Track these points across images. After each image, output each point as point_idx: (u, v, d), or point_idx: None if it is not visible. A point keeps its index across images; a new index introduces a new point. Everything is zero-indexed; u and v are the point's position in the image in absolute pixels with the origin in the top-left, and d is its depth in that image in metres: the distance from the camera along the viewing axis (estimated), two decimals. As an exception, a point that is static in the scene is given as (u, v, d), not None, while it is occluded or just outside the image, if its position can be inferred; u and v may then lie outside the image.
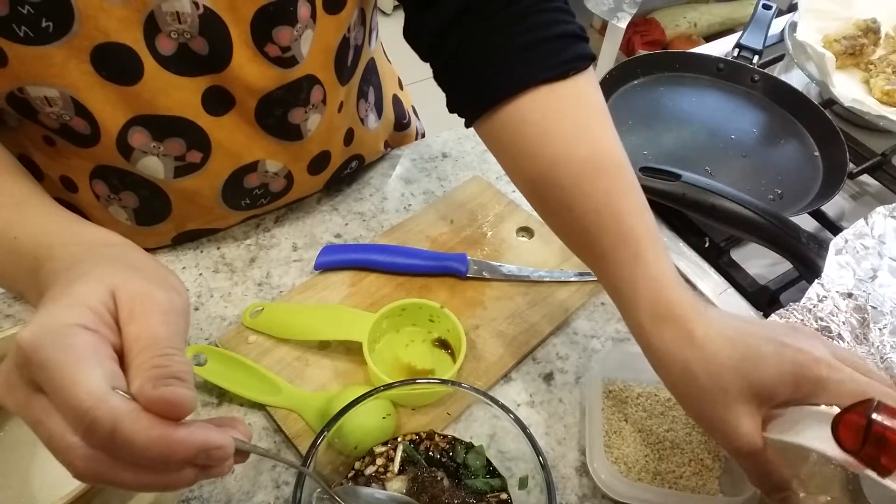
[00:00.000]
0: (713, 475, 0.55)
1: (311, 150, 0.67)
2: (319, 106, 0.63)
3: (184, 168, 0.61)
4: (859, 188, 0.86)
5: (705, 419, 0.45)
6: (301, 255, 0.71)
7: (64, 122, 0.54)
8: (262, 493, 0.54)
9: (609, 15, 2.10)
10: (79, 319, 0.33)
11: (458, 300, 0.67)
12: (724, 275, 0.72)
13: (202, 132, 0.59)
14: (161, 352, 0.33)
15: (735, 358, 0.43)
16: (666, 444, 0.57)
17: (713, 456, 0.56)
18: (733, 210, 0.65)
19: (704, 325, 0.44)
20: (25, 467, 0.50)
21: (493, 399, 0.49)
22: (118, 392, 0.31)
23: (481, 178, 0.79)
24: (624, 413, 0.58)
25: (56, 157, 0.60)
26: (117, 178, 0.61)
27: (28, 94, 0.51)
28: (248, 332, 0.62)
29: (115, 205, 0.64)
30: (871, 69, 0.94)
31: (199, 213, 0.67)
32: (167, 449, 0.31)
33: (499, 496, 0.50)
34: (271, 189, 0.68)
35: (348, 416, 0.48)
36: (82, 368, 0.31)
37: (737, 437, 0.43)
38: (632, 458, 0.56)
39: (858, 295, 0.59)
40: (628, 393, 0.60)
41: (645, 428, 0.57)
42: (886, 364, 0.57)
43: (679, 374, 0.45)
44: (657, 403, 0.59)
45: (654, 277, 0.47)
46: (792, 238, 0.65)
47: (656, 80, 0.94)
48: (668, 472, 0.55)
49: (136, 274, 0.37)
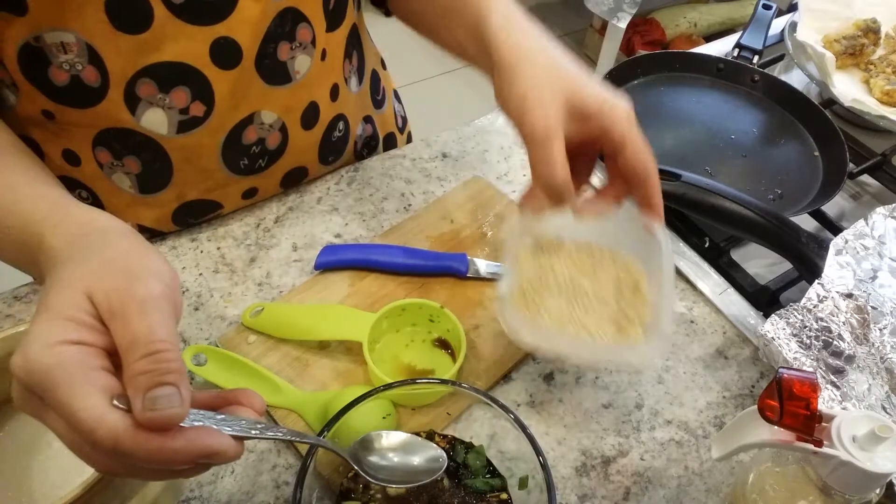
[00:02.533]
0: (636, 328, 0.54)
1: (300, 97, 0.68)
2: (307, 46, 0.65)
3: (186, 123, 0.62)
4: (859, 188, 0.86)
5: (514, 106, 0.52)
6: (301, 255, 0.71)
7: (75, 74, 0.56)
8: (262, 493, 0.54)
9: (609, 15, 2.10)
10: (60, 336, 0.33)
11: (458, 300, 0.67)
12: (724, 275, 0.72)
13: (207, 84, 0.60)
14: (145, 351, 0.33)
15: (568, 74, 0.52)
16: (591, 297, 0.56)
17: (637, 310, 0.56)
18: (733, 210, 0.65)
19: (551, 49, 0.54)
20: (26, 467, 0.50)
21: (493, 399, 0.49)
22: (115, 405, 0.33)
23: (481, 178, 0.79)
24: (552, 266, 0.57)
25: (56, 132, 0.61)
26: (120, 142, 0.62)
27: (44, 42, 0.53)
28: (248, 332, 0.62)
29: (118, 172, 0.65)
30: (871, 69, 0.94)
31: (199, 177, 0.68)
32: (167, 458, 0.33)
33: (499, 496, 0.50)
34: (268, 146, 0.69)
35: (348, 416, 0.48)
36: (75, 390, 0.32)
37: (544, 118, 0.49)
38: (555, 310, 0.55)
39: (858, 295, 0.59)
40: (559, 247, 0.58)
41: (573, 280, 0.57)
42: (887, 364, 0.57)
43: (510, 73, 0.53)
44: (588, 257, 0.58)
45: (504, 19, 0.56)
46: (792, 238, 0.65)
47: (656, 80, 0.94)
48: (592, 325, 0.54)
49: (111, 266, 0.37)
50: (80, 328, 0.34)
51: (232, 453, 0.35)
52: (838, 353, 0.57)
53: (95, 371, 0.33)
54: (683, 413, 0.61)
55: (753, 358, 0.65)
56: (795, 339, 0.57)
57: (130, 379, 0.33)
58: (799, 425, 0.41)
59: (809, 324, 0.57)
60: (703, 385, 0.63)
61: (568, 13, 2.83)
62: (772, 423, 0.42)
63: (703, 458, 0.58)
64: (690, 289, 0.71)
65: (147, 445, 0.32)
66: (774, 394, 0.42)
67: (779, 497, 0.46)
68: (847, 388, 0.55)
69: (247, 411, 0.39)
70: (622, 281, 0.57)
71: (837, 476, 0.42)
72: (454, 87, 2.51)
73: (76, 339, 0.33)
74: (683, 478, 0.57)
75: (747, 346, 0.66)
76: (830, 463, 0.41)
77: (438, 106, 0.60)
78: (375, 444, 0.47)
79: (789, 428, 0.42)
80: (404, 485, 0.46)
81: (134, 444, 0.32)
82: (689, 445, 0.59)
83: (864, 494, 0.43)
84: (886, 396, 0.56)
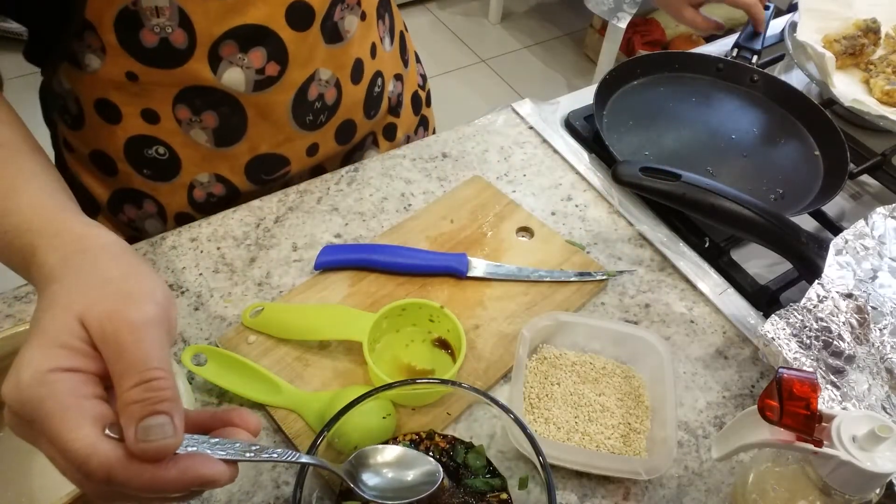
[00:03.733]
0: (641, 438, 0.57)
1: (350, 55, 0.74)
2: (354, 7, 0.71)
3: (262, 82, 0.67)
4: (859, 188, 0.86)
5: None
6: (301, 255, 0.71)
7: (164, 37, 0.61)
8: (262, 493, 0.54)
9: (609, 15, 2.10)
10: (53, 363, 0.33)
11: (458, 300, 0.67)
12: (724, 275, 0.72)
13: (282, 44, 0.66)
14: (138, 379, 0.33)
15: None
16: (596, 407, 0.59)
17: (641, 420, 0.58)
18: (733, 210, 0.65)
19: None
20: (25, 469, 0.50)
21: (493, 399, 0.49)
22: (108, 434, 0.32)
23: (481, 178, 0.79)
24: (557, 378, 0.60)
25: (137, 93, 0.66)
26: (200, 99, 0.67)
27: (140, 6, 0.58)
28: (248, 332, 0.62)
29: (196, 127, 0.69)
30: (871, 69, 0.94)
31: (271, 131, 0.72)
32: (160, 488, 0.33)
33: (499, 496, 0.50)
34: (326, 101, 0.74)
35: (348, 416, 0.48)
36: (68, 420, 0.32)
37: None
38: (560, 419, 0.58)
39: (859, 295, 0.59)
40: (563, 360, 0.62)
41: (577, 392, 0.60)
42: (887, 364, 0.57)
43: None
44: (591, 370, 0.61)
45: None
46: (792, 238, 0.65)
47: (656, 80, 0.94)
48: (598, 434, 0.57)
49: (104, 289, 0.36)
50: (73, 355, 0.34)
51: (225, 479, 0.35)
52: (838, 353, 0.57)
53: (87, 399, 0.33)
54: (683, 413, 0.61)
55: (753, 358, 0.65)
56: (795, 340, 0.57)
57: (123, 407, 0.33)
58: (799, 425, 0.41)
59: (809, 324, 0.57)
60: (703, 385, 0.63)
61: (568, 13, 2.84)
62: (772, 423, 0.42)
63: (703, 458, 0.58)
64: (690, 289, 0.71)
65: (140, 476, 0.32)
66: (774, 394, 0.42)
67: (779, 497, 0.46)
68: (847, 388, 0.55)
69: (241, 433, 0.39)
70: (625, 391, 0.60)
71: (837, 476, 0.42)
72: (455, 87, 2.51)
73: (68, 367, 0.33)
74: (683, 478, 0.57)
75: (747, 346, 0.66)
76: (830, 463, 0.41)
77: (439, 107, 0.61)
78: (370, 459, 0.47)
79: (789, 428, 0.42)
80: (400, 500, 0.45)
81: (127, 474, 0.32)
82: (689, 445, 0.59)
83: (864, 494, 0.43)
84: (886, 396, 0.56)
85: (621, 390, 0.60)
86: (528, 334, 0.59)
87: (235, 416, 0.39)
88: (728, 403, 0.62)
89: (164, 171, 0.73)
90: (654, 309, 0.69)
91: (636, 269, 0.72)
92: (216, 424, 0.39)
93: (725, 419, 0.61)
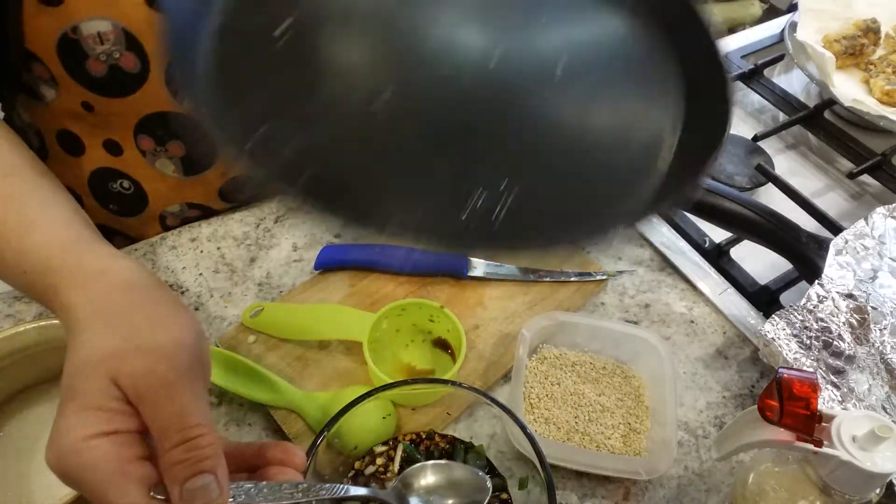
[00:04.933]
0: (642, 438, 0.57)
1: None
2: None
3: None
4: (859, 188, 0.86)
5: None
6: (301, 255, 0.71)
7: (113, 63, 0.56)
8: None
9: None
10: (91, 429, 0.33)
11: (458, 300, 0.67)
12: (724, 275, 0.72)
13: None
14: (178, 438, 0.33)
15: None
16: (596, 407, 0.59)
17: (642, 420, 0.59)
18: (733, 210, 0.65)
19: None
20: (26, 468, 0.50)
21: (493, 399, 0.49)
22: (153, 497, 0.32)
23: (481, 178, 0.79)
24: (557, 378, 0.60)
25: (97, 123, 0.62)
26: (162, 128, 0.63)
27: (81, 34, 0.54)
28: (248, 332, 0.62)
29: (161, 157, 0.66)
30: (871, 69, 0.94)
31: None
32: None
33: (499, 496, 0.50)
34: None
35: (348, 416, 0.48)
36: (113, 487, 0.32)
37: None
38: (560, 419, 0.58)
39: (858, 295, 0.59)
40: (563, 360, 0.62)
41: (577, 392, 0.60)
42: (887, 364, 0.57)
43: None
44: (591, 370, 0.61)
45: None
46: (792, 238, 0.65)
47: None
48: (598, 434, 0.57)
49: (134, 340, 0.35)
50: (110, 417, 0.33)
51: None
52: (838, 354, 0.57)
53: (130, 463, 0.33)
54: (683, 413, 0.61)
55: (753, 358, 0.65)
56: (795, 340, 0.57)
57: (167, 468, 0.33)
58: (799, 425, 0.41)
59: (809, 324, 0.57)
60: (703, 385, 0.63)
61: (568, 13, 2.83)
62: (772, 423, 0.42)
63: (703, 458, 0.58)
64: (690, 289, 0.71)
65: None
66: (774, 394, 0.42)
67: (779, 497, 0.46)
68: (847, 388, 0.55)
69: (288, 471, 0.38)
70: (625, 391, 0.60)
71: (837, 476, 0.42)
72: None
73: (107, 430, 0.33)
74: (683, 478, 0.57)
75: (747, 346, 0.66)
76: (830, 463, 0.41)
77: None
78: (418, 481, 0.47)
79: (789, 428, 0.42)
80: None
81: None
82: (689, 445, 0.59)
83: (864, 494, 0.43)
84: (886, 396, 0.56)
85: (621, 390, 0.60)
86: (528, 334, 0.59)
87: (280, 453, 0.39)
88: (728, 403, 0.62)
89: (130, 206, 0.70)
90: (654, 309, 0.69)
91: (636, 269, 0.72)
92: (260, 463, 0.39)
93: (725, 419, 0.61)
